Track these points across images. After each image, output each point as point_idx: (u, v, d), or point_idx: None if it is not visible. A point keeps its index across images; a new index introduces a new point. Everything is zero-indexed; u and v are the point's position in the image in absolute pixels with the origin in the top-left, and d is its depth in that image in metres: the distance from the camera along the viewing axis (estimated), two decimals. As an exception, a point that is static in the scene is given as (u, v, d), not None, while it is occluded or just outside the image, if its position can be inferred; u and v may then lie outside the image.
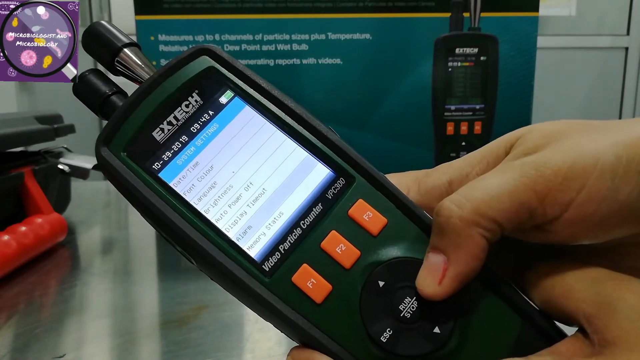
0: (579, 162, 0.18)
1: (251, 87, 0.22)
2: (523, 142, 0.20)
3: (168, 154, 0.21)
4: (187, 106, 0.21)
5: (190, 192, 0.20)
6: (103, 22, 0.23)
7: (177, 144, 0.21)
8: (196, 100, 0.21)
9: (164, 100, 0.21)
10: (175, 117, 0.21)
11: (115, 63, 0.23)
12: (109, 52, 0.23)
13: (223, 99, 0.22)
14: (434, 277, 0.19)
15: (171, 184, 0.20)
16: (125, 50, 0.23)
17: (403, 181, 0.22)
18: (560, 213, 0.18)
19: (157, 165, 0.21)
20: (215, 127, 0.21)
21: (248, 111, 0.22)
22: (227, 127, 0.21)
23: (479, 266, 0.19)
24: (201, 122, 0.21)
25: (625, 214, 0.18)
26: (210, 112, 0.21)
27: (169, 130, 0.21)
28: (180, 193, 0.20)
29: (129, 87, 0.23)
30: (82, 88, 0.23)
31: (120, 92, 0.23)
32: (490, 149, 0.21)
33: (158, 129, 0.21)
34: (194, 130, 0.21)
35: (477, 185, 0.19)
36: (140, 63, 0.23)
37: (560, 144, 0.18)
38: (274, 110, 0.22)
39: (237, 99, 0.22)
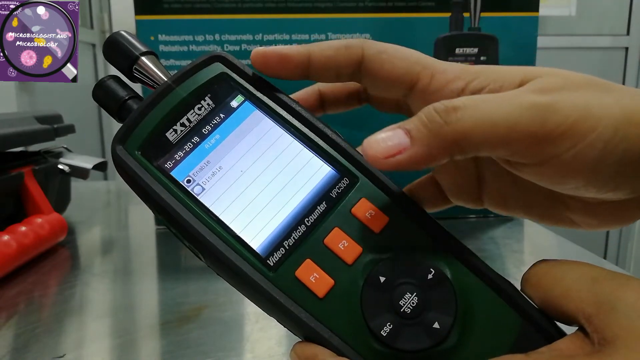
0: (588, 116, 0.18)
1: (261, 92, 0.23)
2: (541, 82, 0.20)
3: (180, 153, 0.22)
4: (199, 109, 0.22)
5: (200, 190, 0.21)
6: (122, 32, 0.25)
7: (189, 145, 0.22)
8: (208, 104, 0.23)
9: (178, 104, 0.22)
10: (188, 119, 0.22)
11: (133, 70, 0.24)
12: (127, 60, 0.24)
13: (234, 103, 0.23)
14: (389, 148, 0.19)
15: (182, 182, 0.21)
16: (143, 58, 0.24)
17: (414, 70, 0.22)
18: (553, 157, 0.18)
19: (169, 164, 0.22)
20: (226, 129, 0.22)
21: (257, 115, 0.23)
22: (237, 130, 0.22)
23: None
24: (212, 124, 0.22)
25: (615, 170, 0.18)
26: (222, 115, 0.23)
27: (181, 131, 0.22)
28: (190, 191, 0.21)
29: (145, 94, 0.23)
30: (100, 93, 0.24)
31: (136, 96, 0.24)
32: (508, 73, 0.21)
33: (171, 130, 0.22)
34: (205, 131, 0.22)
35: (485, 103, 0.18)
36: (156, 70, 0.24)
37: (574, 95, 0.18)
38: (282, 114, 0.23)
39: (247, 103, 0.23)
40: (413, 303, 0.20)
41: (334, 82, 0.24)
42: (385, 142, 0.19)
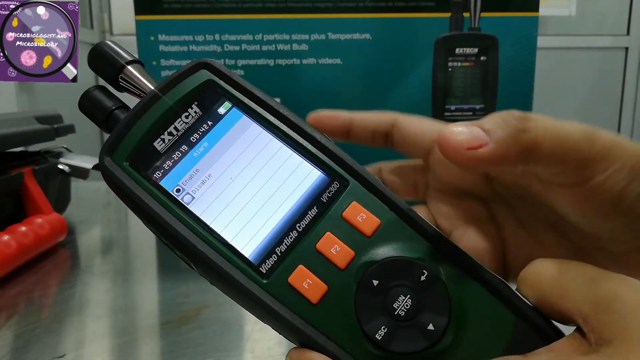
0: (618, 144, 0.19)
1: (248, 98, 0.23)
2: None
3: (169, 163, 0.22)
4: (186, 117, 0.22)
5: (190, 199, 0.21)
6: (108, 41, 0.25)
7: (177, 154, 0.22)
8: (195, 112, 0.22)
9: (165, 112, 0.22)
10: (175, 128, 0.22)
11: (119, 80, 0.24)
12: (113, 69, 0.24)
13: (221, 110, 0.23)
14: (471, 139, 0.19)
15: (171, 192, 0.21)
16: (129, 67, 0.24)
17: (436, 128, 0.25)
18: (587, 179, 0.20)
19: (158, 174, 0.21)
20: (214, 136, 0.22)
21: (245, 121, 0.23)
22: (226, 136, 0.22)
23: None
24: (200, 132, 0.22)
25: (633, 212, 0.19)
26: (209, 123, 0.22)
27: (169, 140, 0.22)
28: (180, 200, 0.21)
29: (132, 103, 0.23)
30: (87, 103, 0.24)
31: (123, 106, 0.24)
32: None
33: (159, 139, 0.22)
34: (193, 140, 0.22)
35: (552, 120, 0.20)
36: (142, 79, 0.24)
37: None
38: (270, 119, 0.23)
39: (234, 109, 0.23)
40: (407, 305, 0.19)
41: (370, 143, 0.27)
42: (466, 134, 0.19)
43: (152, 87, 0.23)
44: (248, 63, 0.56)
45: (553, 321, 0.20)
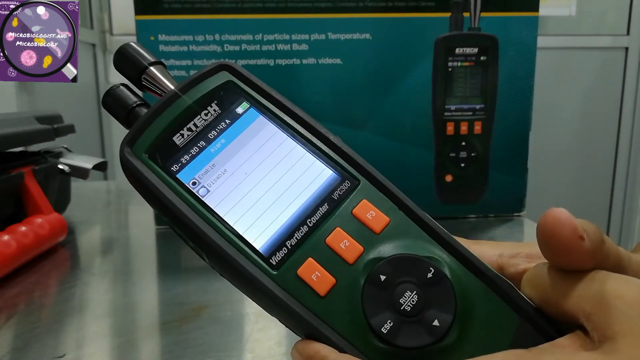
0: None
1: (265, 99, 0.24)
2: None
3: (186, 157, 0.22)
4: (206, 115, 0.23)
5: (205, 192, 0.22)
6: (132, 43, 0.26)
7: (195, 148, 0.23)
8: (215, 110, 0.23)
9: (185, 109, 0.23)
10: (194, 124, 0.23)
11: (142, 80, 0.25)
12: (136, 69, 0.25)
13: (239, 109, 0.24)
14: (579, 228, 0.18)
15: (188, 184, 0.22)
16: (151, 68, 0.25)
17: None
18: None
19: (175, 166, 0.22)
20: (231, 134, 0.23)
21: (262, 120, 0.23)
22: (242, 135, 0.23)
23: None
24: (218, 129, 0.23)
25: None
26: (227, 121, 0.23)
27: (188, 135, 0.23)
28: (195, 192, 0.22)
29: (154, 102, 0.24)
30: (110, 100, 0.25)
31: (145, 104, 0.25)
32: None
33: (178, 134, 0.23)
34: (211, 136, 0.23)
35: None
36: (164, 79, 0.25)
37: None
38: (285, 120, 0.23)
39: (252, 109, 0.24)
40: (413, 301, 0.20)
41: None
42: (575, 220, 0.19)
43: (173, 87, 0.24)
44: (248, 63, 0.56)
45: (556, 322, 0.20)
